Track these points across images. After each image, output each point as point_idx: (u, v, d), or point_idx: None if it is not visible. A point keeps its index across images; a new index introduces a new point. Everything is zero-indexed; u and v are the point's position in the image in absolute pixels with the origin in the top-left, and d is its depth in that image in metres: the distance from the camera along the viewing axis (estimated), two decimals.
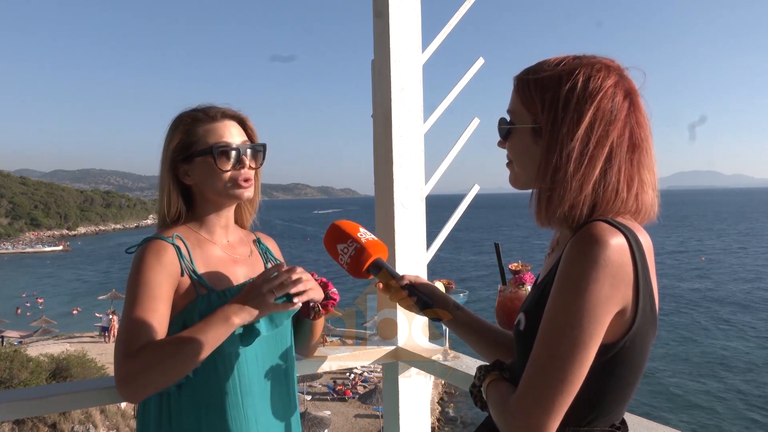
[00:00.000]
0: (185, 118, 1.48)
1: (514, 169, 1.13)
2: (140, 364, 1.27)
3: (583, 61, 1.04)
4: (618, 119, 1.01)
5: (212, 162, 1.44)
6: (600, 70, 1.03)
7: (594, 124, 1.00)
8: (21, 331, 31.06)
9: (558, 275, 0.97)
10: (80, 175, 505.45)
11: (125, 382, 1.27)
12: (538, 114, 1.05)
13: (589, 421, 1.02)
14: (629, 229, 0.98)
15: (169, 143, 1.47)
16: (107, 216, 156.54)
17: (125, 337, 1.30)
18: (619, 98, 1.02)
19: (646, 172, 1.04)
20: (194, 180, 1.48)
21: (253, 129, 1.55)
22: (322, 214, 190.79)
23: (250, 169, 1.49)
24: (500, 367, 1.15)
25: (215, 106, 1.51)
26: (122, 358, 1.28)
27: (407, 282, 1.33)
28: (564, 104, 1.01)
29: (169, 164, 1.47)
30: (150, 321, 1.32)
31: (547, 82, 1.04)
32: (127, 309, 1.34)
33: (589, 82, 1.01)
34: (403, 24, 2.18)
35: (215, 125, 1.47)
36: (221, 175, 1.45)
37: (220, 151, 1.44)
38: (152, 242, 1.42)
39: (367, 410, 21.35)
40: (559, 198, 1.00)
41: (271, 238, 1.73)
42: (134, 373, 1.27)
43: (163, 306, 1.36)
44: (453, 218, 2.34)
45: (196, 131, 1.46)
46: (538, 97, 1.04)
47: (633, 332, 0.98)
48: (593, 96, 1.00)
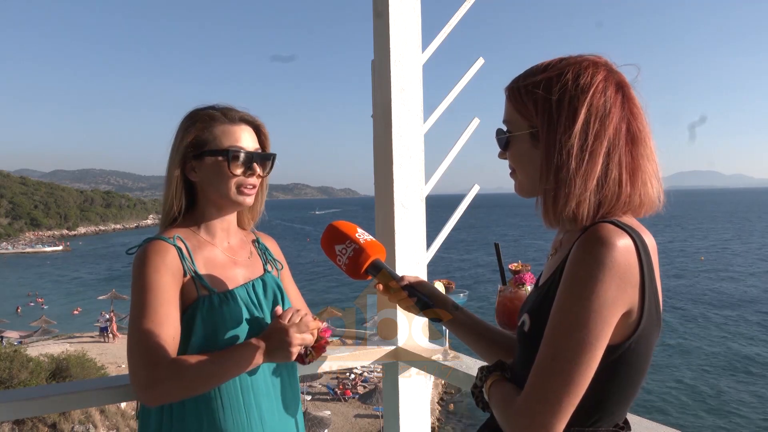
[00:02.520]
0: (203, 116, 1.47)
1: (517, 177, 1.13)
2: (166, 377, 1.28)
3: (570, 61, 1.05)
4: (612, 112, 1.01)
5: (224, 164, 1.43)
6: (587, 67, 1.04)
7: (589, 119, 1.00)
8: (21, 331, 31.07)
9: (564, 277, 0.97)
10: (80, 175, 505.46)
11: (147, 388, 1.28)
12: (533, 118, 1.05)
13: (594, 421, 1.02)
14: (635, 230, 0.98)
15: (183, 137, 1.46)
16: (107, 216, 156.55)
17: (144, 346, 1.30)
18: (611, 92, 1.03)
19: (647, 162, 1.05)
20: (200, 178, 1.47)
21: (267, 136, 1.55)
22: (320, 215, 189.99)
23: (258, 177, 1.49)
24: (502, 368, 1.15)
25: (235, 109, 1.51)
26: (145, 367, 1.28)
27: (406, 282, 1.33)
28: (557, 104, 1.02)
29: (180, 158, 1.46)
30: (166, 327, 1.32)
31: (537, 85, 1.05)
32: (138, 314, 1.33)
33: (579, 80, 1.02)
34: (403, 24, 2.18)
35: (233, 128, 1.47)
36: (230, 179, 1.44)
37: (234, 155, 1.44)
38: (154, 243, 1.41)
39: (367, 410, 21.34)
40: (565, 196, 1.00)
41: (270, 237, 1.72)
42: (158, 382, 1.27)
43: (173, 309, 1.36)
44: (453, 218, 2.34)
45: (213, 130, 1.46)
46: (531, 101, 1.05)
47: (638, 333, 0.98)
48: (585, 92, 1.01)
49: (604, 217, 1.01)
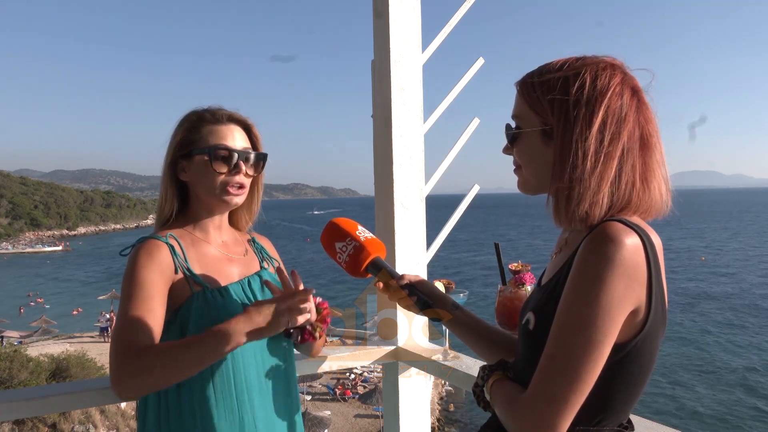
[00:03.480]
0: (192, 116, 1.51)
1: (523, 174, 1.13)
2: (141, 366, 1.25)
3: (587, 61, 1.05)
4: (628, 116, 1.02)
5: (208, 162, 1.45)
6: (605, 68, 1.03)
7: (606, 121, 1.00)
8: (21, 331, 31.08)
9: (572, 274, 0.97)
10: (80, 175, 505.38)
11: (121, 381, 1.26)
12: (547, 116, 1.05)
13: (599, 420, 1.02)
14: (642, 229, 0.98)
15: (174, 138, 1.50)
16: (107, 216, 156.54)
17: (122, 337, 1.30)
18: (627, 96, 1.03)
19: (658, 168, 1.05)
20: (189, 178, 1.49)
21: (258, 136, 1.55)
22: (318, 215, 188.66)
23: (246, 177, 1.50)
24: (504, 367, 1.15)
25: (223, 109, 1.52)
26: (121, 357, 1.28)
27: (407, 281, 1.33)
28: (574, 104, 1.01)
29: (170, 158, 1.49)
30: (146, 320, 1.32)
31: (554, 83, 1.04)
32: (122, 308, 1.35)
33: (596, 81, 1.02)
34: (403, 24, 2.18)
35: (219, 127, 1.49)
36: (215, 177, 1.45)
37: (216, 153, 1.45)
38: (146, 242, 1.42)
39: (367, 410, 21.35)
40: (579, 196, 1.00)
41: (265, 237, 1.73)
42: (133, 373, 1.26)
43: (158, 305, 1.37)
44: (453, 218, 2.34)
45: (200, 130, 1.48)
46: (546, 99, 1.04)
47: (645, 332, 0.98)
48: (603, 94, 1.01)
49: (612, 217, 1.01)
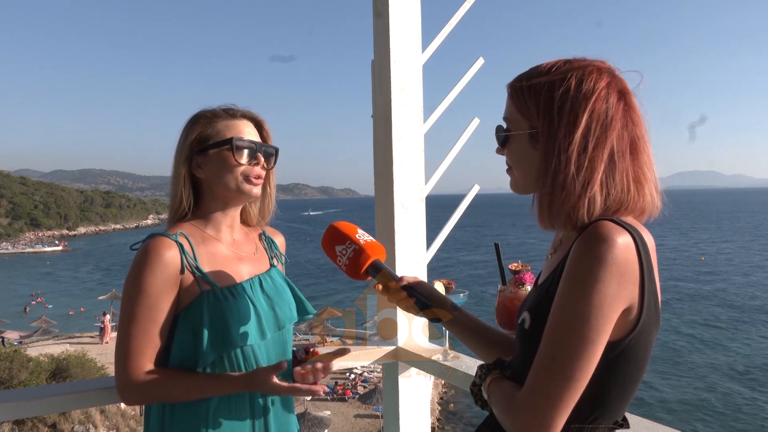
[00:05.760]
0: (207, 113, 1.53)
1: (514, 174, 1.14)
2: (148, 388, 1.37)
3: (574, 65, 1.05)
4: (615, 120, 1.02)
5: (229, 154, 1.46)
6: (591, 72, 1.04)
7: (590, 126, 1.01)
8: (21, 331, 31.06)
9: (565, 274, 0.97)
10: (80, 175, 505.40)
11: (127, 392, 1.38)
12: (534, 119, 1.06)
13: (594, 418, 1.02)
14: (634, 228, 0.99)
15: (188, 136, 1.50)
16: (107, 216, 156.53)
17: (128, 351, 1.37)
18: (613, 99, 1.03)
19: (647, 170, 1.06)
20: (206, 173, 1.49)
21: (268, 132, 1.59)
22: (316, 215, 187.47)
23: (263, 169, 1.52)
24: (501, 366, 1.15)
25: (236, 107, 1.56)
26: (128, 370, 1.37)
27: (406, 283, 1.33)
28: (559, 108, 1.02)
29: (185, 156, 1.49)
30: (152, 332, 1.38)
31: (540, 87, 1.05)
32: (126, 317, 1.37)
33: (581, 85, 1.02)
34: (403, 24, 2.18)
35: (235, 122, 1.51)
36: (235, 168, 1.47)
37: (238, 144, 1.47)
38: (155, 239, 1.42)
39: (367, 410, 21.34)
40: (560, 201, 1.01)
41: (279, 232, 1.73)
42: (138, 389, 1.37)
43: (162, 315, 1.39)
44: (453, 218, 2.34)
45: (216, 125, 1.50)
46: (533, 102, 1.06)
47: (638, 330, 0.98)
48: (587, 98, 1.01)
49: (603, 217, 1.01)
